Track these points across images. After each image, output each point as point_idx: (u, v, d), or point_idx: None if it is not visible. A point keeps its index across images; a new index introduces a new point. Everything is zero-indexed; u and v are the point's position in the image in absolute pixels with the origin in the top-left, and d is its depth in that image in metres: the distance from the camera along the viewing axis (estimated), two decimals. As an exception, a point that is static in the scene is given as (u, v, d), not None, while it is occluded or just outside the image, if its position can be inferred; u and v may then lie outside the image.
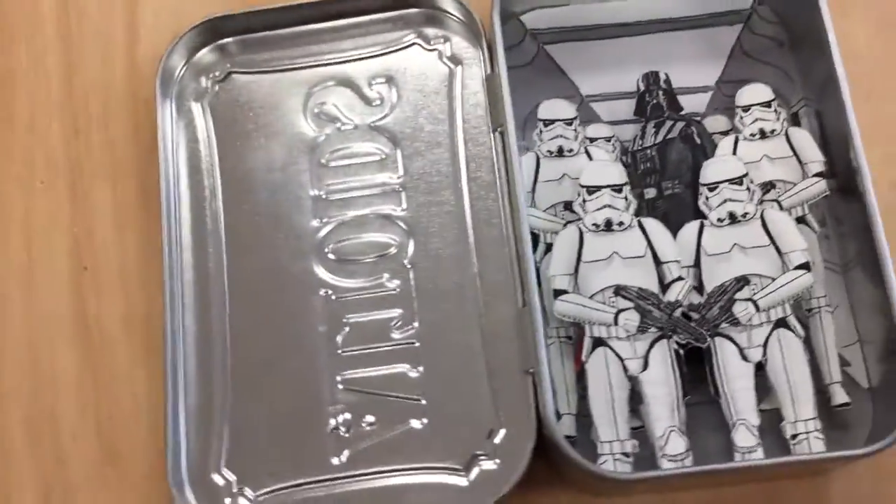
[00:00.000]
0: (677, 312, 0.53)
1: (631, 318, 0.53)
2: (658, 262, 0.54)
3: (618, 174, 0.55)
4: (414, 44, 0.61)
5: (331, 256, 0.57)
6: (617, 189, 0.55)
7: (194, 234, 0.57)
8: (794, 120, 0.59)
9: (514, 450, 0.52)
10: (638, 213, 0.56)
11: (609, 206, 0.55)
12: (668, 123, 0.59)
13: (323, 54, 0.61)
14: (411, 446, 0.53)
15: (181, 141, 0.59)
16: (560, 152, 0.57)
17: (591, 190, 0.55)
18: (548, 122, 0.58)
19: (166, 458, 0.52)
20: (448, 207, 0.57)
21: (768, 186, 0.57)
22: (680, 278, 0.54)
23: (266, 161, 0.59)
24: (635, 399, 0.53)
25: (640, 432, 0.53)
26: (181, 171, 0.59)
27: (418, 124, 0.59)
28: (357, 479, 0.53)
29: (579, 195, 0.55)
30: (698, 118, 0.59)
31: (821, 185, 0.56)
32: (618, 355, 0.53)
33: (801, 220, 0.56)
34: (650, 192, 0.58)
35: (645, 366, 0.53)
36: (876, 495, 0.55)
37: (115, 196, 0.60)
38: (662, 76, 0.59)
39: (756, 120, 0.58)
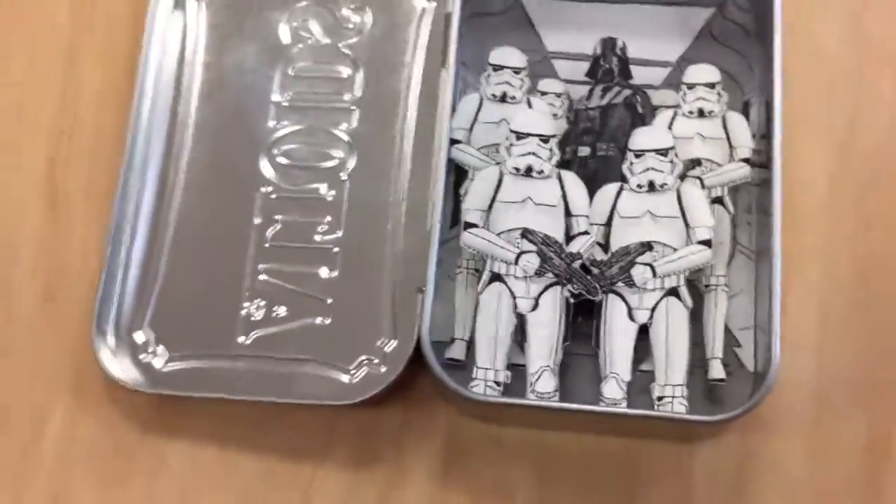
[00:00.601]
0: (576, 263, 0.56)
1: (531, 261, 0.56)
2: (568, 214, 0.57)
3: (547, 125, 0.58)
4: None
5: (279, 159, 0.61)
6: (544, 140, 0.58)
7: (165, 121, 0.62)
8: (745, 108, 0.61)
9: (398, 360, 0.56)
10: (563, 167, 0.60)
11: (533, 153, 0.58)
12: (616, 89, 0.61)
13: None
14: (310, 340, 0.58)
15: (173, 30, 0.64)
16: (503, 98, 0.60)
17: (520, 136, 0.58)
18: (497, 68, 0.60)
19: (95, 307, 0.58)
20: (393, 132, 0.61)
21: (694, 163, 0.59)
22: (585, 233, 0.57)
23: (240, 63, 0.63)
24: (520, 337, 0.56)
25: (520, 371, 0.56)
26: (165, 59, 0.63)
27: (384, 52, 0.63)
28: (256, 359, 0.58)
29: (507, 139, 0.58)
30: (646, 90, 0.61)
31: (744, 171, 0.58)
32: (511, 292, 0.56)
33: (718, 201, 0.58)
34: (584, 151, 0.60)
35: (535, 306, 0.56)
36: (736, 471, 0.57)
37: (103, 70, 0.65)
38: (619, 43, 0.62)
39: (698, 98, 0.60)
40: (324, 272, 0.59)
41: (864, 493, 0.57)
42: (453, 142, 0.59)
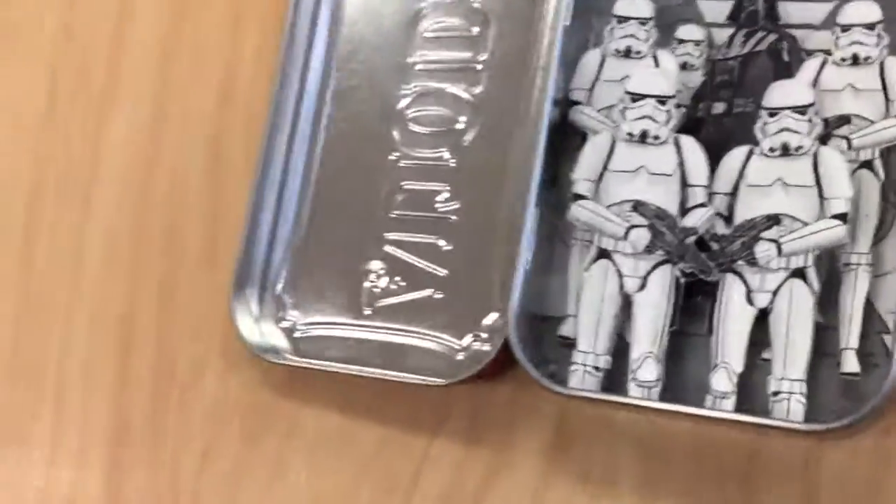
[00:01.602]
0: (691, 239, 0.51)
1: (642, 237, 0.51)
2: (685, 184, 0.51)
3: (666, 85, 0.52)
4: None
5: (408, 124, 0.60)
6: (661, 101, 0.52)
7: (315, 88, 0.63)
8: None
9: (502, 337, 0.54)
10: (698, 130, 0.53)
11: (650, 117, 0.52)
12: (760, 34, 0.53)
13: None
14: (424, 313, 0.57)
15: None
16: (628, 53, 0.55)
17: (635, 97, 0.52)
18: (622, 20, 0.55)
19: (236, 269, 0.61)
20: (518, 95, 0.58)
21: (842, 121, 0.50)
22: (703, 205, 0.51)
23: (376, 25, 0.62)
24: (626, 316, 0.52)
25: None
26: (320, 18, 0.64)
27: (516, 6, 0.59)
28: (376, 330, 0.58)
29: (622, 101, 0.53)
30: (798, 34, 0.53)
31: (902, 129, 0.49)
32: (619, 270, 0.52)
33: (866, 165, 0.50)
34: (718, 108, 0.54)
35: (642, 286, 0.51)
36: (870, 475, 0.49)
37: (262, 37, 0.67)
38: (771, -21, 0.54)
39: (853, 43, 0.51)
40: (442, 243, 0.58)
41: None
42: (572, 103, 0.55)
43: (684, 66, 0.55)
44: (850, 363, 0.49)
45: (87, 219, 0.68)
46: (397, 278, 0.58)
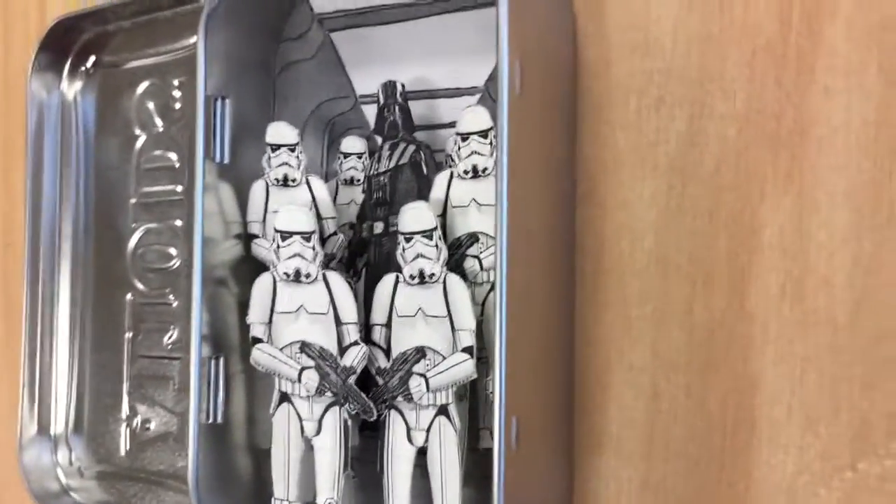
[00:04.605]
0: (351, 379, 0.49)
1: (311, 378, 0.50)
2: (339, 322, 0.50)
3: (307, 222, 0.50)
4: None
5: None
6: (306, 237, 0.50)
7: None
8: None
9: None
10: (363, 251, 0.52)
11: (299, 255, 0.50)
12: (402, 146, 0.50)
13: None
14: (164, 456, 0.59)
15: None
16: (285, 182, 0.53)
17: (284, 236, 0.51)
18: (274, 147, 0.53)
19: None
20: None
21: (473, 238, 0.47)
22: (356, 343, 0.49)
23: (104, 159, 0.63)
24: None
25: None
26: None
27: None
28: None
29: (273, 240, 0.51)
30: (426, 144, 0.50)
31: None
32: (298, 414, 0.51)
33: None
34: (378, 227, 0.51)
35: (318, 430, 0.51)
36: None
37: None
38: (399, 87, 0.50)
39: (472, 153, 0.47)
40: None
41: None
42: (251, 237, 0.54)
43: (352, 182, 0.53)
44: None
45: None
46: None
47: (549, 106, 0.46)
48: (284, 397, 0.52)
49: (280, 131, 0.53)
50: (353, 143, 0.53)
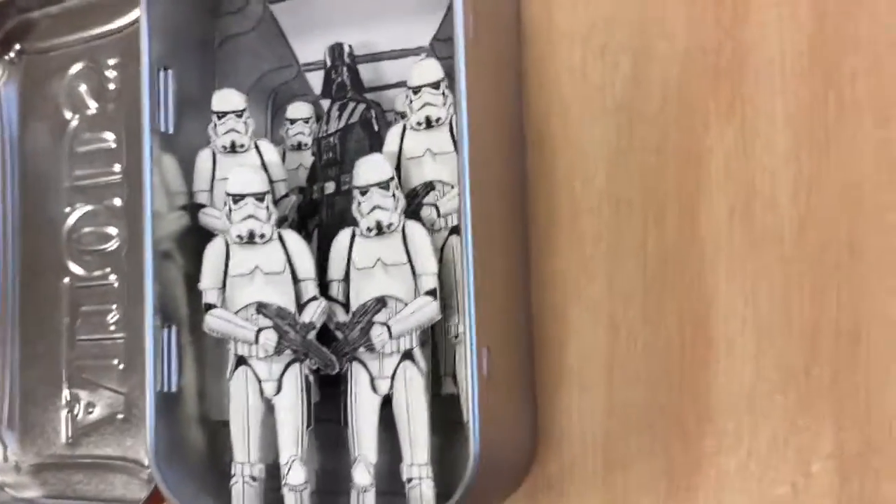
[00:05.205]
0: (311, 335, 0.50)
1: (269, 338, 0.50)
2: (296, 280, 0.50)
3: (259, 183, 0.50)
4: None
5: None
6: (259, 198, 0.50)
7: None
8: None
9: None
10: (314, 212, 0.52)
11: (253, 216, 0.51)
12: (351, 105, 0.52)
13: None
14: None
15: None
16: (233, 148, 0.53)
17: (236, 199, 0.51)
18: (220, 115, 0.53)
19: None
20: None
21: (429, 187, 0.49)
22: (315, 298, 0.50)
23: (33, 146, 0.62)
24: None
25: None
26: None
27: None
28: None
29: (226, 203, 0.51)
30: (382, 97, 0.51)
31: (478, 190, 0.47)
32: (256, 376, 0.51)
33: (455, 231, 0.48)
34: (329, 187, 0.52)
35: (278, 389, 0.51)
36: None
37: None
38: (346, 48, 0.52)
39: (425, 105, 0.49)
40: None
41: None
42: (197, 206, 0.54)
43: (299, 147, 0.54)
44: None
45: None
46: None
47: (498, 54, 0.49)
48: (241, 361, 0.52)
49: (227, 97, 0.53)
50: (299, 109, 0.54)
